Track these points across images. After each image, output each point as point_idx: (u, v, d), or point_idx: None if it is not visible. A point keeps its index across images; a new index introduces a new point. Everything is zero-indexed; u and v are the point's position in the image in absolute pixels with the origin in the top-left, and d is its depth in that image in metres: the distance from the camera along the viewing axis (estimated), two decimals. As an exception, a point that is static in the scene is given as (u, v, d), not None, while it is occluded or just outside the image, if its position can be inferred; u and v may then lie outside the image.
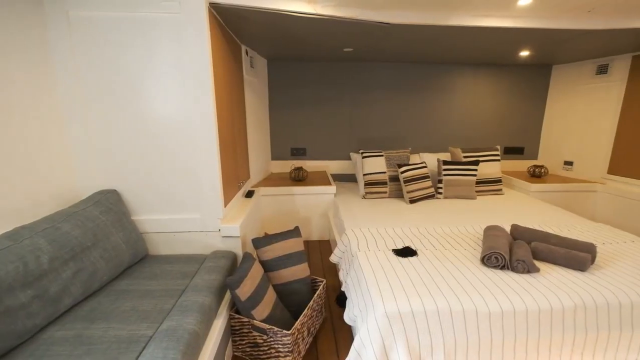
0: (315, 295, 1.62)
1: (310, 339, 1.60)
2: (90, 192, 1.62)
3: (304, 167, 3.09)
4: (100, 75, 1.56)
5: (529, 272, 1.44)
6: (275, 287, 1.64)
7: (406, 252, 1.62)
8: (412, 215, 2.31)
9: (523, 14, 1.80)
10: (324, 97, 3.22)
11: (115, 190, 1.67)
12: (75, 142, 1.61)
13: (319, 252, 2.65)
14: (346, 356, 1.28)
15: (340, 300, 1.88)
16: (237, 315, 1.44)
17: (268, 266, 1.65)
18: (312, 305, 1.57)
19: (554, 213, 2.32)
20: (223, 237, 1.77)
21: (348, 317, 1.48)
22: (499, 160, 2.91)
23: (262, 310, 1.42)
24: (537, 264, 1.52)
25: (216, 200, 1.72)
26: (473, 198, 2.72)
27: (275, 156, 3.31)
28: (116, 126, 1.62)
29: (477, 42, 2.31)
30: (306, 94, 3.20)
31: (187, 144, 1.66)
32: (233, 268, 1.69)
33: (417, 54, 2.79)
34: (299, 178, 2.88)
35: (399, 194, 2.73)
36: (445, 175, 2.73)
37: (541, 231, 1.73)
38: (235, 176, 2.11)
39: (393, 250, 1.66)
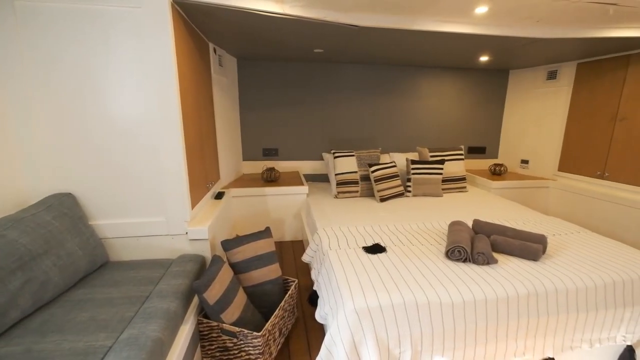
0: (287, 295, 1.61)
1: (282, 339, 1.59)
2: (41, 196, 1.50)
3: (276, 168, 3.07)
4: (51, 71, 1.45)
5: (488, 263, 1.53)
6: (246, 289, 1.61)
7: (375, 249, 1.66)
8: (382, 213, 2.37)
9: (480, 21, 1.91)
10: (295, 98, 3.22)
11: (70, 193, 1.56)
12: (22, 142, 1.48)
13: (292, 252, 2.64)
14: (318, 355, 1.29)
15: (313, 299, 1.88)
16: (205, 320, 1.40)
17: (238, 268, 1.62)
18: (284, 305, 1.56)
19: (512, 208, 2.48)
20: (191, 240, 1.71)
21: (319, 315, 1.49)
22: (463, 159, 3.06)
23: (232, 313, 1.40)
24: (496, 255, 1.62)
25: (182, 202, 1.66)
26: (440, 195, 2.84)
27: (247, 157, 3.26)
28: (70, 126, 1.51)
29: (440, 46, 2.42)
30: (278, 94, 3.18)
31: (150, 143, 1.59)
32: (201, 272, 1.64)
33: (386, 56, 2.88)
34: (271, 179, 2.85)
35: (370, 193, 2.79)
36: (413, 174, 2.83)
37: (500, 225, 1.84)
38: (203, 177, 2.05)
39: (363, 247, 1.69)
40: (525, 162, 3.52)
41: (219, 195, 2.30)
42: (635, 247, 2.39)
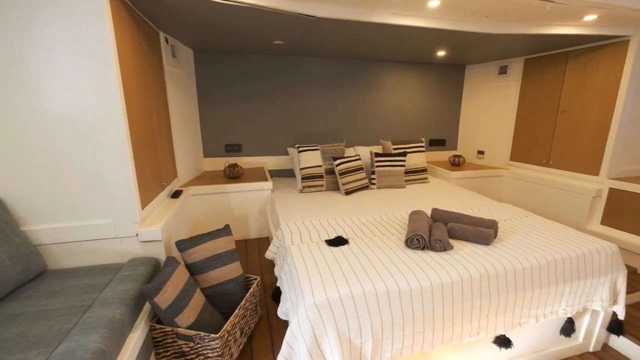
0: (248, 293, 1.57)
1: (245, 339, 1.55)
2: (-42, 201, 1.32)
3: (239, 164, 2.98)
4: (-36, 57, 1.27)
5: (444, 249, 1.58)
6: (204, 290, 1.54)
7: (338, 241, 1.66)
8: (347, 206, 2.38)
9: (433, 15, 1.96)
10: (258, 92, 3.13)
11: (-5, 196, 1.39)
12: None
13: (257, 249, 2.58)
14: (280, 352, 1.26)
15: (276, 296, 1.84)
16: (159, 326, 1.32)
17: (195, 269, 1.54)
18: (245, 304, 1.51)
19: (469, 196, 2.60)
20: (142, 242, 1.60)
21: (281, 311, 1.46)
22: (424, 151, 3.16)
23: (188, 316, 1.32)
24: (452, 241, 1.69)
25: (131, 202, 1.55)
26: (403, 187, 2.91)
27: (208, 154, 3.12)
28: (-8, 120, 1.34)
29: (399, 40, 2.46)
30: (239, 88, 3.07)
31: (91, 139, 1.46)
32: (154, 275, 1.54)
33: (348, 50, 2.88)
34: (234, 175, 2.76)
35: (335, 187, 2.79)
36: (377, 166, 2.88)
37: (456, 213, 1.92)
38: (156, 175, 1.92)
39: (325, 240, 1.68)
40: (481, 153, 3.72)
41: (175, 194, 2.18)
42: (575, 227, 2.63)
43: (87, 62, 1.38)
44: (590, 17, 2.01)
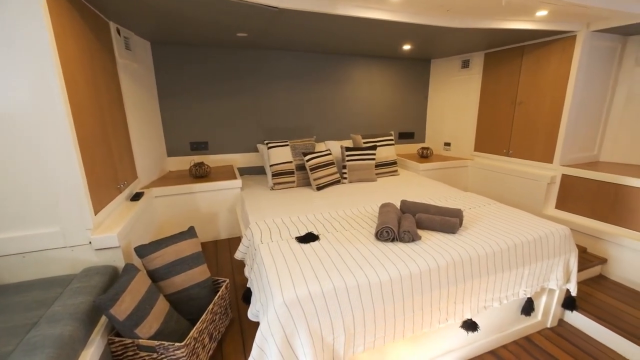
0: (216, 297, 1.50)
1: (215, 344, 1.49)
2: None
3: (206, 163, 2.86)
4: None
5: (413, 240, 1.61)
6: (168, 296, 1.46)
7: (308, 238, 1.64)
8: (318, 201, 2.36)
9: (397, 8, 1.97)
10: (224, 87, 3.01)
11: None
12: None
13: (228, 250, 2.50)
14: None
15: (247, 297, 1.79)
16: (117, 339, 1.23)
17: (158, 275, 1.45)
18: (213, 308, 1.45)
19: (437, 187, 2.68)
20: (97, 250, 1.48)
21: (252, 313, 1.42)
22: (393, 144, 3.21)
23: (150, 325, 1.24)
24: (420, 232, 1.72)
25: (81, 208, 1.42)
26: (374, 180, 2.94)
27: (173, 152, 2.97)
28: None
29: (365, 33, 2.46)
30: (203, 82, 2.94)
31: (29, 141, 1.31)
32: (111, 285, 1.43)
33: (315, 43, 2.84)
34: (200, 174, 2.64)
35: (306, 182, 2.76)
36: (348, 160, 2.88)
37: (424, 204, 1.96)
38: (111, 177, 1.79)
39: (296, 237, 1.65)
40: (447, 144, 3.85)
41: (136, 197, 2.05)
42: (533, 212, 2.79)
43: (21, 58, 1.24)
44: (541, 13, 2.11)
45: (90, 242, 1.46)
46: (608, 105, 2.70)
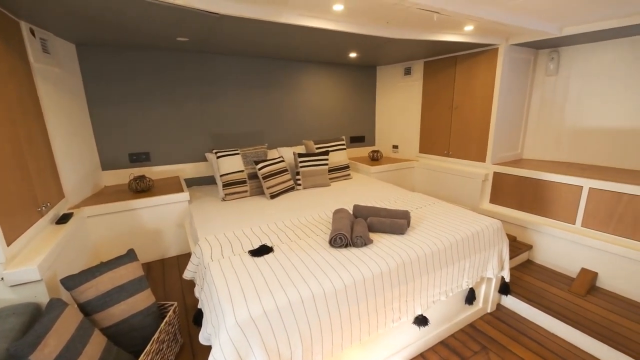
0: (163, 323, 1.39)
1: (163, 375, 1.37)
2: None
3: (148, 175, 2.64)
4: None
5: (365, 244, 1.66)
6: (105, 330, 1.31)
7: (262, 250, 1.60)
8: (273, 210, 2.32)
9: (339, 18, 2.03)
10: (167, 93, 2.82)
11: None
12: None
13: (177, 268, 2.34)
14: (201, 383, 1.14)
15: (198, 319, 1.69)
16: (41, 388, 1.06)
17: (91, 307, 1.30)
18: (159, 337, 1.33)
19: (387, 189, 2.80)
20: (12, 286, 1.28)
21: (203, 337, 1.34)
22: (345, 148, 3.29)
23: (82, 367, 1.10)
24: (372, 235, 1.78)
25: (-12, 238, 1.21)
26: (328, 185, 2.98)
27: (108, 165, 2.70)
28: None
29: (311, 41, 2.48)
30: (143, 88, 2.72)
31: None
32: (32, 326, 1.24)
33: (263, 49, 2.79)
34: (141, 189, 2.43)
35: (260, 191, 2.70)
36: (301, 167, 2.88)
37: (375, 207, 2.03)
38: (28, 200, 1.56)
39: (249, 251, 1.60)
40: (395, 147, 4.06)
41: (63, 219, 1.81)
42: (471, 207, 3.06)
43: None
44: (468, 28, 2.33)
45: (2, 278, 1.25)
46: (527, 109, 3.08)
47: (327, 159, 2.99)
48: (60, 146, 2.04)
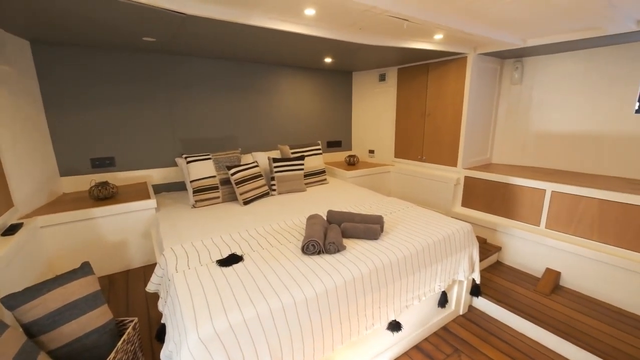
0: (120, 342, 1.29)
1: (120, 399, 1.27)
2: None
3: (112, 181, 2.50)
4: None
5: (338, 251, 1.63)
6: (55, 352, 1.20)
7: (231, 259, 1.53)
8: (245, 217, 2.25)
9: (311, 23, 2.02)
10: (133, 95, 2.68)
11: None
12: None
13: (143, 280, 2.20)
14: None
15: (162, 335, 1.59)
16: (-28, 423, 0.95)
17: (37, 328, 1.18)
18: (115, 357, 1.23)
19: (363, 193, 2.81)
20: (-59, 308, 1.14)
21: (164, 354, 1.25)
22: (321, 153, 3.28)
23: (22, 397, 0.99)
24: (346, 241, 1.76)
25: None
26: (303, 190, 2.95)
27: (67, 171, 2.52)
28: None
29: (283, 45, 2.46)
30: (107, 90, 2.57)
31: None
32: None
33: (234, 52, 2.74)
34: (104, 196, 2.28)
35: (233, 197, 2.62)
36: (276, 172, 2.83)
37: (349, 212, 2.02)
38: (-32, 209, 1.41)
39: (217, 261, 1.53)
40: (372, 151, 4.10)
41: (10, 230, 1.66)
42: (444, 210, 3.13)
43: None
44: (438, 36, 2.40)
45: None
46: (494, 116, 3.21)
47: (302, 164, 2.95)
48: (10, 152, 1.87)
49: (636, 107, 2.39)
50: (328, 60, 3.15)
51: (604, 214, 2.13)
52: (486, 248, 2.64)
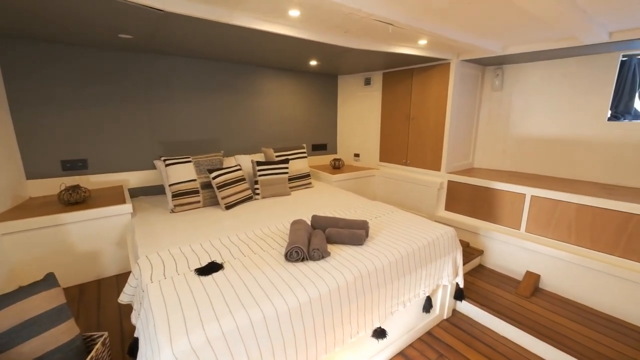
0: (88, 359, 1.19)
1: (87, 422, 1.17)
2: None
3: (85, 184, 2.36)
4: None
5: (323, 257, 1.59)
6: (11, 374, 1.09)
7: (210, 268, 1.46)
8: (227, 222, 2.17)
9: (296, 24, 1.98)
10: (108, 94, 2.56)
11: None
12: None
13: (116, 290, 2.08)
14: None
15: (134, 350, 1.50)
16: None
17: (-9, 348, 1.07)
18: (81, 377, 1.14)
19: (348, 198, 2.78)
20: None
21: (136, 372, 1.17)
22: (306, 156, 3.24)
23: None
24: (330, 247, 1.73)
25: None
26: (288, 194, 2.89)
27: (35, 174, 2.36)
28: None
29: (268, 46, 2.41)
30: (79, 89, 2.43)
31: None
32: None
33: (217, 52, 2.66)
34: (74, 200, 2.15)
35: (214, 201, 2.53)
36: (260, 175, 2.77)
37: (334, 217, 1.99)
38: None
39: (195, 269, 1.46)
40: (357, 155, 4.09)
41: (-34, 239, 1.52)
42: (428, 214, 3.15)
43: None
44: (422, 42, 2.42)
45: None
46: (476, 122, 3.27)
47: (287, 168, 2.90)
48: (-32, 152, 1.73)
49: (608, 115, 2.49)
50: (313, 63, 3.13)
51: (580, 217, 2.20)
52: (469, 252, 2.67)
